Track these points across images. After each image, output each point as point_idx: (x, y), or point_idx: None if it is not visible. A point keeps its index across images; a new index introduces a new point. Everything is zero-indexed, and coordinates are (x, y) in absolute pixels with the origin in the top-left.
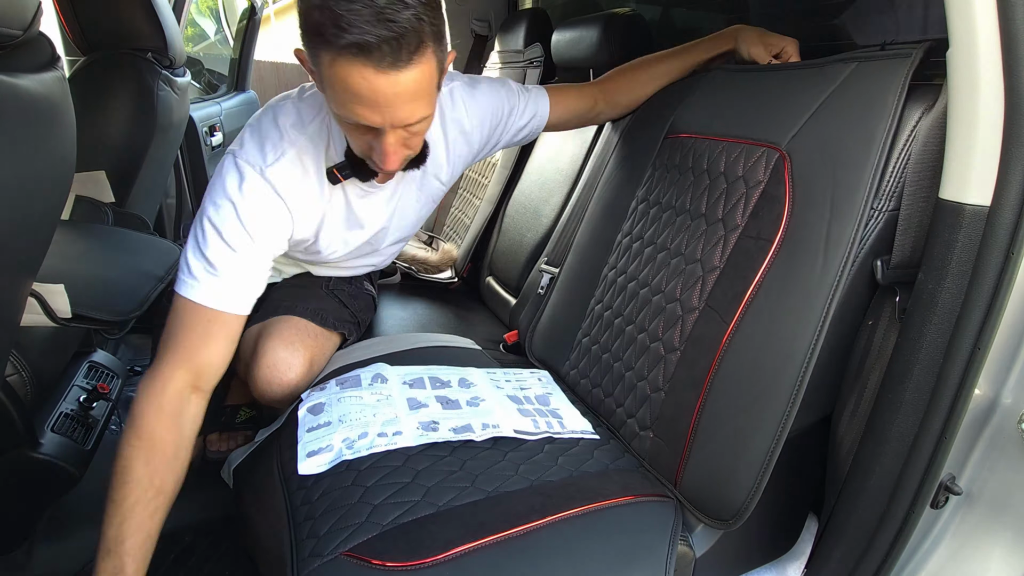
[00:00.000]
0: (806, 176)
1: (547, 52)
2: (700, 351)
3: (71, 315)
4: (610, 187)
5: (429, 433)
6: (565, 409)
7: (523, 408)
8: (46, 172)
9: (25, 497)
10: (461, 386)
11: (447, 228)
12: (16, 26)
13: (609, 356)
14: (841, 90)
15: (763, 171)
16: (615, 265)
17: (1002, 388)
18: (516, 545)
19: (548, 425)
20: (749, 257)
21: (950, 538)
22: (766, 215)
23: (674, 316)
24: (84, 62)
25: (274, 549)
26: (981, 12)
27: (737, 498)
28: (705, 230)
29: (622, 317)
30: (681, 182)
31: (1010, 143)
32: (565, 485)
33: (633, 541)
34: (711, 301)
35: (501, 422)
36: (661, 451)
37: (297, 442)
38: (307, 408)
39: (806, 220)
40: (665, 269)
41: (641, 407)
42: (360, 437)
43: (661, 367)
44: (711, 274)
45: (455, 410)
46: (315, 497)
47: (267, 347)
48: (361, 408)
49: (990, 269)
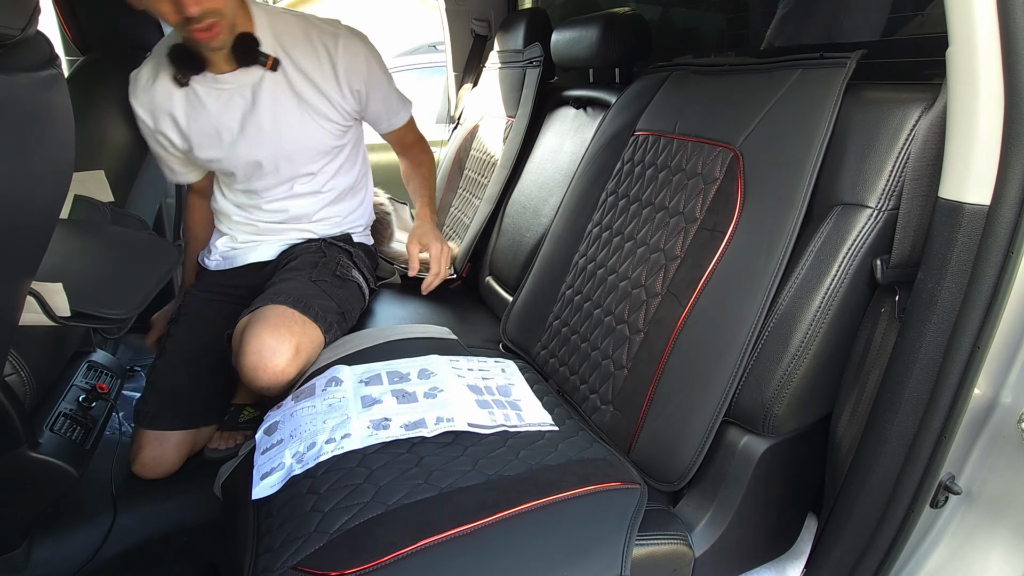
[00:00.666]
0: (756, 174)
1: (547, 52)
2: (660, 332)
3: (70, 314)
4: (583, 180)
5: (379, 432)
6: (526, 400)
7: (482, 399)
8: (45, 171)
9: (24, 497)
10: (421, 377)
11: (447, 228)
12: (14, 25)
13: (578, 337)
14: (787, 95)
15: (719, 169)
16: (585, 253)
17: (1002, 387)
18: (461, 544)
19: (505, 417)
20: (705, 247)
21: (950, 537)
22: (721, 209)
23: (639, 301)
24: (83, 62)
25: (235, 565)
26: (981, 11)
27: (682, 463)
28: (668, 222)
29: (591, 301)
30: (648, 177)
31: (1010, 142)
32: (521, 480)
33: (587, 533)
34: (672, 287)
35: (456, 415)
36: (619, 423)
37: (254, 466)
38: (263, 430)
39: (755, 214)
40: (632, 258)
41: (604, 383)
42: (309, 448)
43: (625, 347)
44: (673, 262)
45: (410, 404)
46: (275, 510)
47: (252, 334)
48: (312, 418)
49: (989, 268)
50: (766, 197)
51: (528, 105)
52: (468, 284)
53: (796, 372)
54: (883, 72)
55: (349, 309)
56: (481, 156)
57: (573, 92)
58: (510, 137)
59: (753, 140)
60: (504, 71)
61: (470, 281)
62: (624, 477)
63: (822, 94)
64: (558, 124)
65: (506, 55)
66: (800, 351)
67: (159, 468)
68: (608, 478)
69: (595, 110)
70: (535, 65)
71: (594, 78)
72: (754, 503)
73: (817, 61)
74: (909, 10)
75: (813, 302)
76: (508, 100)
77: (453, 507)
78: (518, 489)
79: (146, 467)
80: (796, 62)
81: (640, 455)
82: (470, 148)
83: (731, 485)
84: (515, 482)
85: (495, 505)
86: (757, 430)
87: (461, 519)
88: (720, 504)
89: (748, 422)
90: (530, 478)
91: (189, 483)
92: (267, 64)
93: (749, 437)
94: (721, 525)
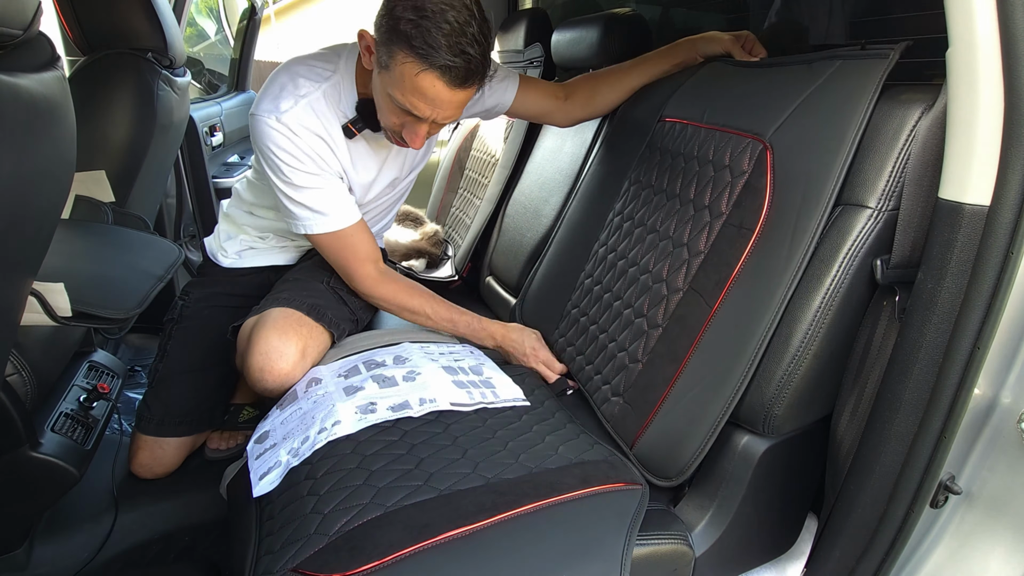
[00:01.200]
0: (785, 167)
1: (547, 52)
2: (682, 329)
3: (71, 313)
4: (605, 165)
5: (368, 416)
6: (497, 378)
7: (458, 380)
8: (46, 172)
9: (25, 497)
10: (396, 363)
11: (447, 228)
12: (16, 26)
13: (596, 328)
14: (824, 86)
15: (747, 162)
16: (606, 242)
17: (1002, 387)
18: (459, 546)
19: (482, 396)
20: (732, 244)
21: (950, 537)
22: (748, 204)
23: (659, 295)
24: (84, 62)
25: (237, 567)
26: (981, 11)
27: (682, 460)
28: (692, 216)
29: (611, 292)
30: (672, 166)
31: (1009, 142)
32: (520, 482)
33: (586, 536)
34: (695, 284)
35: (437, 396)
36: (627, 415)
37: (250, 472)
38: (254, 440)
39: (781, 211)
40: (653, 250)
41: (617, 375)
42: (303, 442)
43: (643, 341)
44: (696, 258)
45: (392, 387)
46: (277, 511)
47: (260, 336)
48: (302, 417)
49: (989, 269)
50: (793, 193)
51: None
52: (468, 284)
53: (796, 372)
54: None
55: (363, 317)
56: (482, 156)
57: None
58: (511, 137)
59: (784, 131)
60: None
61: (470, 281)
62: (625, 477)
63: (860, 85)
64: None
65: (506, 55)
66: (800, 351)
67: (158, 468)
68: (609, 479)
69: None
70: (535, 65)
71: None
72: (754, 503)
73: (858, 52)
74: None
75: (813, 302)
76: None
77: (452, 509)
78: (517, 491)
79: (144, 467)
80: (836, 54)
81: (643, 449)
82: (470, 148)
83: (731, 485)
84: (515, 484)
85: (494, 507)
86: (757, 430)
87: (460, 521)
88: (720, 504)
89: (748, 422)
90: (530, 480)
91: (190, 483)
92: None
93: (749, 437)
94: (721, 525)
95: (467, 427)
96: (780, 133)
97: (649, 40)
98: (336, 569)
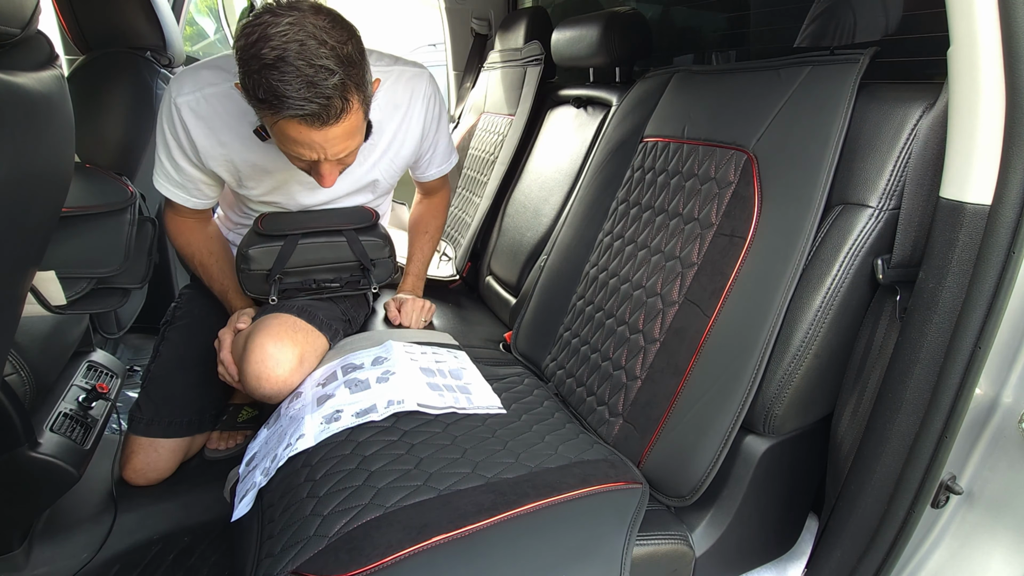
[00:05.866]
0: (772, 175)
1: (547, 50)
2: (681, 342)
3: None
4: (592, 189)
5: (331, 425)
6: (476, 385)
7: (433, 382)
8: (45, 170)
9: (24, 497)
10: (374, 365)
11: (447, 227)
12: (14, 24)
13: (588, 348)
14: (799, 93)
15: (733, 173)
16: (596, 263)
17: (1003, 387)
18: (458, 547)
19: (455, 400)
20: (725, 254)
21: (951, 538)
22: (738, 214)
23: (655, 309)
24: (83, 61)
25: (239, 569)
26: (982, 11)
27: (695, 476)
28: (683, 228)
29: (603, 311)
30: (659, 184)
31: (1011, 142)
32: (520, 482)
33: (586, 535)
34: (690, 295)
35: (406, 396)
36: (630, 436)
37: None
38: (244, 463)
39: (773, 217)
40: (646, 266)
41: (615, 395)
42: (272, 460)
43: (640, 357)
44: (689, 270)
45: (363, 391)
46: (277, 514)
47: (256, 343)
48: (279, 436)
49: (991, 268)
50: (783, 199)
51: (528, 103)
52: (468, 284)
53: (796, 372)
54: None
55: (355, 315)
56: (481, 155)
57: (573, 91)
58: (509, 135)
59: (766, 141)
60: (504, 70)
61: (470, 281)
62: (625, 476)
63: (835, 91)
64: (558, 123)
65: (506, 54)
66: (800, 351)
67: (151, 474)
68: (608, 478)
69: (595, 109)
70: (535, 64)
71: (594, 77)
72: (755, 503)
73: (827, 58)
74: None
75: (814, 302)
76: (508, 98)
77: (451, 509)
78: (517, 491)
79: (138, 472)
80: (805, 59)
81: (650, 468)
82: (469, 147)
83: (732, 485)
84: (514, 484)
85: (493, 507)
86: (758, 430)
87: (459, 522)
88: (721, 504)
89: (749, 422)
90: (529, 480)
91: (189, 484)
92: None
93: (750, 437)
94: (722, 525)
95: (467, 427)
96: (762, 143)
97: (649, 39)
98: (335, 571)
